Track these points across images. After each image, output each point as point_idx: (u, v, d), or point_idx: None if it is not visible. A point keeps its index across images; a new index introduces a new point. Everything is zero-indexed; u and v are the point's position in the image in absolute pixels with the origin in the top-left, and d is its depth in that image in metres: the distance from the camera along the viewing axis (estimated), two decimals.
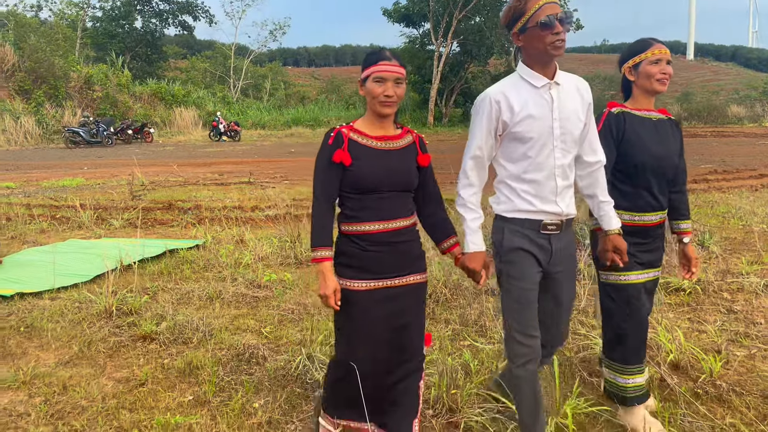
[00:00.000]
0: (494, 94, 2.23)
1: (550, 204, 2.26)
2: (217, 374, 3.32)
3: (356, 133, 2.27)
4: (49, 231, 7.46)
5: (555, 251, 2.30)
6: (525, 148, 2.24)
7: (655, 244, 2.68)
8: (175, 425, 2.82)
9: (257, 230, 7.05)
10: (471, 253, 2.31)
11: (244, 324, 4.12)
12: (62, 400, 3.10)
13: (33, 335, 3.99)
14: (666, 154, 2.60)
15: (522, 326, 2.30)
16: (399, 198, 2.28)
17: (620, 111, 2.61)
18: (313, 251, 2.24)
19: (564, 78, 2.28)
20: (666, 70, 2.58)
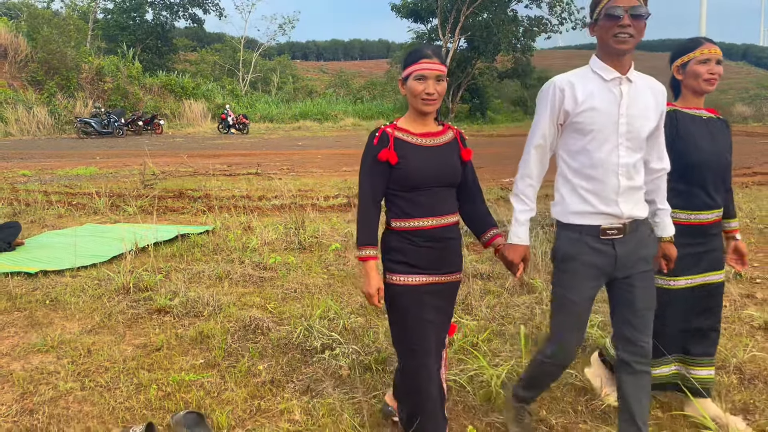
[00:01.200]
0: (560, 82, 2.20)
1: (610, 205, 2.17)
2: (226, 342, 3.69)
3: (400, 131, 2.29)
4: (66, 216, 7.86)
5: (620, 257, 2.20)
6: (585, 141, 2.18)
7: (711, 244, 2.66)
8: (189, 382, 3.18)
9: (264, 218, 7.41)
10: (512, 245, 2.30)
11: (251, 300, 4.48)
12: (87, 361, 3.47)
13: (57, 307, 4.37)
14: (718, 152, 2.60)
15: (557, 337, 2.31)
16: (446, 193, 2.31)
17: (672, 110, 2.58)
18: (359, 250, 2.28)
19: (638, 77, 2.23)
20: (714, 70, 2.54)
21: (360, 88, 48.13)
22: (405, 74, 2.25)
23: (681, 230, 2.51)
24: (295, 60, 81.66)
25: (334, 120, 35.37)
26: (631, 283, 2.23)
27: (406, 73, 2.25)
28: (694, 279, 2.64)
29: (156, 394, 3.07)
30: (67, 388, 3.13)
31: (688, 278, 2.63)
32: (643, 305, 2.24)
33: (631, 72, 2.18)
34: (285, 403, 2.96)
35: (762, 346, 3.60)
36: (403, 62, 2.28)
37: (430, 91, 2.20)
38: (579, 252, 2.20)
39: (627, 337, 2.25)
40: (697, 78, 2.55)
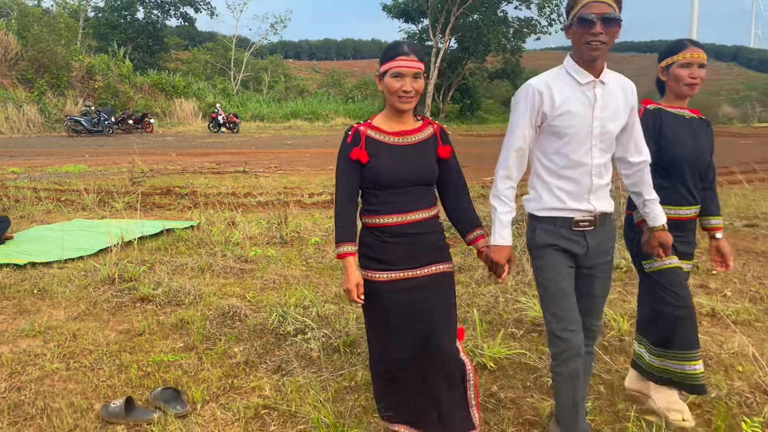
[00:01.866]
0: (538, 85, 2.22)
1: (582, 202, 2.26)
2: (204, 327, 3.90)
3: (373, 129, 2.29)
4: (54, 212, 8.03)
5: (591, 247, 2.29)
6: (561, 143, 2.24)
7: (688, 237, 2.74)
8: (168, 363, 3.40)
9: (248, 214, 7.62)
10: (497, 246, 2.29)
11: (230, 290, 4.70)
12: (72, 345, 3.68)
13: (45, 296, 4.56)
14: (699, 149, 2.66)
15: (559, 320, 2.29)
16: (418, 191, 2.29)
17: (656, 108, 2.66)
18: (337, 247, 2.28)
19: (611, 77, 2.27)
20: (696, 75, 2.58)
21: (352, 88, 48.31)
22: (382, 70, 2.24)
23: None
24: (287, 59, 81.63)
25: (324, 119, 35.56)
26: (593, 274, 2.33)
27: (383, 69, 2.23)
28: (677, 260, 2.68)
29: (136, 373, 3.28)
30: (53, 368, 3.34)
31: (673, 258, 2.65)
32: (600, 293, 2.38)
33: (604, 74, 2.22)
34: (257, 381, 3.18)
35: (705, 330, 3.86)
36: (381, 58, 2.26)
37: (407, 88, 2.18)
38: (554, 240, 2.27)
39: (584, 323, 2.33)
40: (679, 81, 2.59)
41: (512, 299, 4.34)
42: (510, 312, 4.16)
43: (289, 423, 2.79)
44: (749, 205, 7.79)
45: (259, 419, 2.83)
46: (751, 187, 8.94)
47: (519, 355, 3.42)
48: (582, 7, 2.11)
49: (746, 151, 16.81)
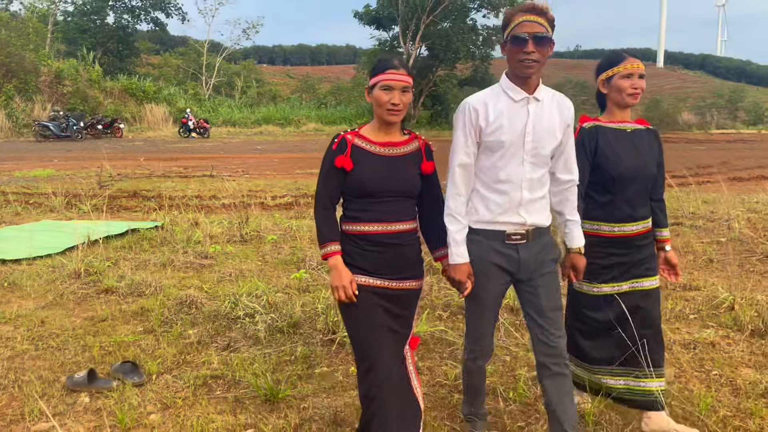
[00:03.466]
0: (473, 102, 2.31)
1: (512, 215, 2.32)
2: (163, 314, 4.30)
3: (360, 138, 2.31)
4: (23, 214, 8.31)
5: (523, 260, 2.33)
6: (495, 157, 2.30)
7: (639, 254, 2.67)
8: (128, 343, 3.80)
9: (211, 215, 8.00)
10: (456, 265, 2.34)
11: (189, 283, 5.09)
12: (41, 330, 4.05)
13: (15, 289, 4.91)
14: (642, 164, 2.63)
15: (471, 329, 2.47)
16: (400, 202, 2.31)
17: (592, 125, 2.66)
18: (322, 247, 2.30)
19: (546, 94, 2.33)
20: (637, 85, 2.60)
21: (326, 93, 48.71)
22: (372, 83, 2.27)
23: (604, 241, 2.62)
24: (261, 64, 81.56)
25: (296, 125, 35.89)
26: (534, 285, 2.36)
27: (372, 82, 2.27)
28: (620, 286, 2.67)
29: (99, 352, 3.68)
30: (23, 348, 3.72)
31: (612, 285, 2.66)
32: (549, 305, 2.35)
33: (539, 90, 2.29)
34: (207, 357, 3.60)
35: None
36: (371, 71, 2.30)
37: (396, 101, 2.22)
38: (486, 254, 2.34)
39: (539, 338, 2.36)
40: (621, 92, 2.60)
41: (445, 287, 4.82)
42: (441, 298, 4.65)
43: (233, 389, 3.22)
44: (680, 206, 8.43)
45: (206, 386, 3.26)
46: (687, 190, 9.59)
47: (441, 331, 3.90)
48: (515, 26, 2.20)
49: (697, 156, 17.68)
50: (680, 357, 3.59)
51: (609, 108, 2.71)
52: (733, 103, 49.37)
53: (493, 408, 2.97)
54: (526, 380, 3.19)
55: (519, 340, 3.81)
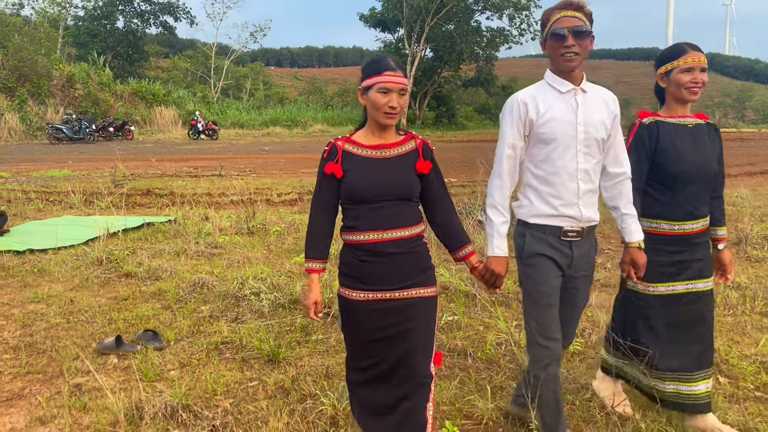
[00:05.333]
0: (522, 96, 2.34)
1: (572, 208, 2.31)
2: (178, 293, 4.82)
3: (351, 144, 2.25)
4: (44, 210, 8.87)
5: (576, 258, 2.35)
6: (548, 149, 2.30)
7: (696, 253, 2.61)
8: (148, 317, 4.32)
9: (220, 210, 8.53)
10: (496, 257, 2.33)
11: (201, 269, 5.61)
12: (71, 307, 4.57)
13: (44, 275, 5.44)
14: (704, 161, 2.54)
15: (542, 328, 2.36)
16: (397, 207, 2.21)
17: (652, 121, 2.58)
18: (306, 262, 2.30)
19: (591, 87, 2.36)
20: (698, 79, 2.50)
21: (333, 95, 49.33)
22: (366, 84, 2.18)
23: (663, 239, 2.56)
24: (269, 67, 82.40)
25: (303, 126, 36.47)
26: (575, 285, 2.41)
27: (367, 84, 2.18)
28: (675, 287, 2.61)
29: (123, 324, 4.20)
30: (56, 322, 4.24)
31: (668, 285, 2.61)
32: (581, 302, 2.48)
33: (584, 83, 2.33)
34: (218, 327, 4.12)
35: None
36: (365, 72, 2.21)
37: (394, 104, 2.15)
38: (543, 249, 2.33)
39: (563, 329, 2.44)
40: (680, 87, 2.52)
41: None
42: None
43: (240, 352, 3.73)
44: None
45: (217, 350, 3.77)
46: None
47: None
48: (554, 22, 2.26)
49: None
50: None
51: (668, 102, 2.62)
52: (741, 102, 49.43)
53: (462, 364, 3.47)
54: (493, 344, 3.67)
55: (493, 314, 4.28)
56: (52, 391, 3.24)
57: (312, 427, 2.79)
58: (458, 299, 4.59)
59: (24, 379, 3.39)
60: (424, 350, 2.25)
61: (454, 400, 3.04)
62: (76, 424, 2.89)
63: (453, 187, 10.81)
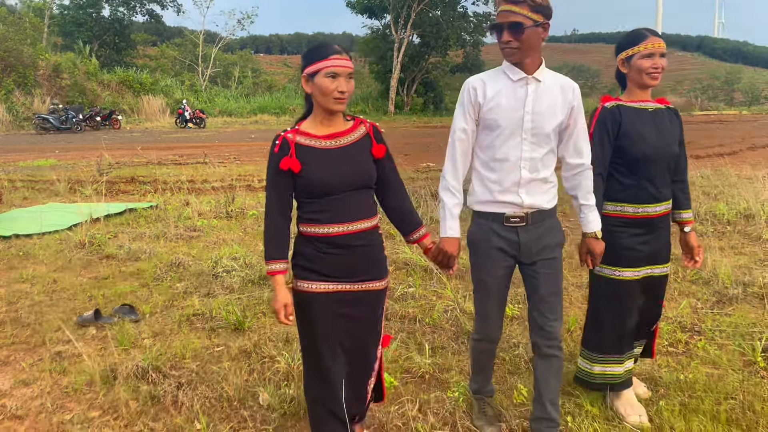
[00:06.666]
0: (473, 81, 2.35)
1: (511, 195, 2.30)
2: (155, 272, 5.13)
3: (302, 135, 2.16)
4: (30, 198, 9.13)
5: (523, 244, 2.33)
6: (493, 136, 2.31)
7: (657, 237, 2.66)
8: (126, 293, 4.63)
9: (201, 196, 8.81)
10: (449, 237, 2.33)
11: (179, 250, 5.91)
12: (54, 286, 4.87)
13: (29, 258, 5.73)
14: (664, 143, 2.59)
15: (480, 311, 2.48)
16: (358, 196, 2.18)
17: (614, 105, 2.61)
18: (266, 264, 2.19)
19: (548, 76, 2.32)
20: (658, 64, 2.53)
21: None
22: (311, 70, 2.10)
23: (627, 222, 2.60)
24: (258, 54, 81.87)
25: (291, 114, 36.54)
26: (535, 270, 2.36)
27: (312, 69, 2.10)
28: (638, 271, 2.66)
29: (102, 300, 4.51)
30: (40, 299, 4.55)
31: (633, 270, 2.64)
32: (548, 291, 2.36)
33: (540, 71, 2.29)
34: (190, 302, 4.43)
35: None
36: (308, 57, 2.14)
37: (343, 89, 2.09)
38: (487, 237, 2.35)
39: (536, 321, 2.40)
40: (641, 72, 2.54)
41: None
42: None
43: (209, 322, 4.05)
44: None
45: (189, 321, 4.09)
46: None
47: None
48: (496, 15, 2.26)
49: None
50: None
51: (629, 88, 2.66)
52: (729, 84, 49.75)
53: (410, 328, 3.81)
54: (441, 311, 4.01)
55: (447, 286, 4.62)
56: (34, 358, 3.56)
57: (267, 382, 3.13)
58: (416, 273, 4.93)
59: (9, 348, 3.70)
60: (375, 342, 2.34)
61: (397, 357, 3.39)
62: (56, 385, 3.21)
63: (430, 172, 11.13)
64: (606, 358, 2.74)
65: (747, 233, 6.05)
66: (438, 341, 3.63)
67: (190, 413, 2.87)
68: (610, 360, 2.73)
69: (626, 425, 2.63)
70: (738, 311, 4.00)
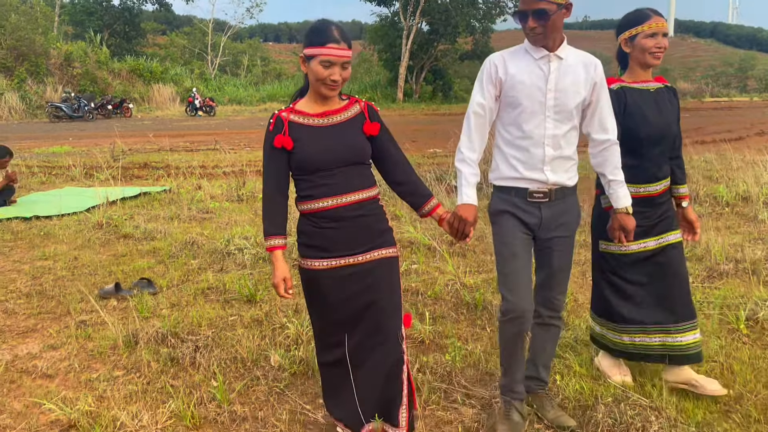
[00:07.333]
0: (495, 57, 2.37)
1: (536, 172, 2.31)
2: (171, 250, 5.37)
3: (296, 113, 2.21)
4: (48, 183, 9.41)
5: (545, 219, 2.34)
6: (515, 113, 2.31)
7: (661, 211, 2.70)
8: (144, 269, 4.88)
9: (213, 181, 9.05)
10: (465, 204, 2.31)
11: (192, 230, 6.15)
12: (75, 263, 5.13)
13: (50, 237, 5.99)
14: (666, 123, 2.62)
15: (506, 280, 2.38)
16: (351, 171, 2.20)
17: (619, 86, 2.63)
18: (265, 240, 2.23)
19: (570, 53, 2.33)
20: (661, 44, 2.56)
21: None
22: (308, 54, 2.13)
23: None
24: (267, 42, 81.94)
25: None
26: (550, 246, 2.40)
27: (309, 53, 2.13)
28: (647, 243, 2.68)
29: (122, 275, 4.75)
30: (62, 274, 4.80)
31: (639, 243, 2.67)
32: (559, 266, 2.44)
33: (562, 48, 2.30)
34: (204, 277, 4.67)
35: None
36: (308, 39, 2.15)
37: (336, 78, 2.12)
38: (508, 207, 2.37)
39: (543, 293, 2.48)
40: (644, 52, 2.56)
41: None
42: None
43: (223, 294, 4.29)
44: None
45: (204, 294, 4.32)
46: None
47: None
48: (520, 3, 2.28)
49: None
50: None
51: (631, 67, 2.67)
52: (743, 71, 49.24)
53: (412, 300, 4.02)
54: (442, 285, 4.22)
55: (449, 262, 4.82)
56: (61, 326, 3.80)
57: (278, 346, 3.35)
58: (420, 251, 5.14)
59: (36, 318, 3.95)
60: (393, 314, 2.26)
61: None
62: (82, 349, 3.46)
63: (437, 157, 11.29)
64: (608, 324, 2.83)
65: (744, 214, 6.20)
66: (438, 311, 3.84)
67: (207, 372, 3.10)
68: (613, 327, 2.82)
69: (610, 383, 2.82)
70: (727, 285, 4.17)
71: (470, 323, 3.71)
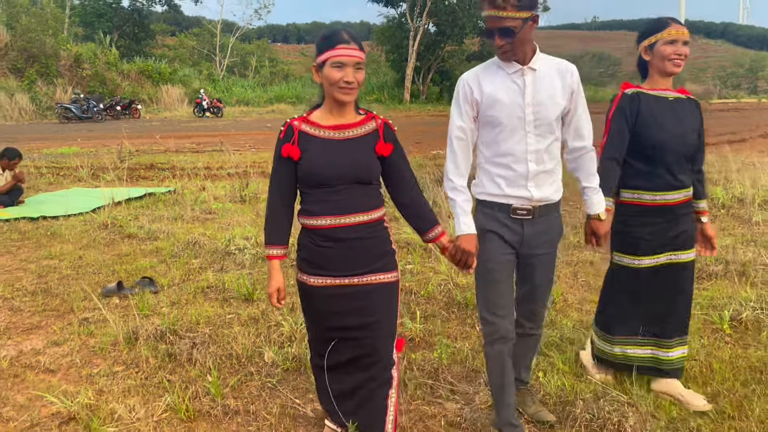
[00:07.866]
0: (468, 77, 2.32)
1: (520, 189, 2.28)
2: (173, 250, 5.49)
3: (308, 124, 2.16)
4: (55, 183, 9.59)
5: (527, 236, 2.32)
6: (495, 132, 2.28)
7: (679, 224, 2.66)
8: (146, 268, 5.00)
9: (217, 182, 9.19)
10: (465, 235, 2.27)
11: (195, 231, 6.27)
12: (80, 262, 5.26)
13: (56, 237, 6.14)
14: (682, 131, 2.59)
15: (488, 304, 2.37)
16: (355, 191, 2.14)
17: (634, 92, 2.62)
18: (265, 249, 2.23)
19: (544, 62, 2.28)
20: (681, 51, 2.55)
21: None
22: (320, 60, 2.09)
23: (644, 210, 2.62)
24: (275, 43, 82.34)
25: (308, 103, 36.72)
26: (532, 263, 2.39)
27: (321, 60, 2.09)
28: (658, 258, 2.67)
29: (125, 274, 4.88)
30: (67, 273, 4.93)
31: (652, 257, 2.67)
32: (540, 282, 2.44)
33: (535, 60, 2.25)
34: (205, 276, 4.78)
35: None
36: (318, 47, 2.12)
37: (349, 79, 2.06)
38: (491, 225, 2.33)
39: (525, 306, 2.49)
40: (664, 59, 2.55)
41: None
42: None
43: (222, 293, 4.40)
44: None
45: (203, 293, 4.44)
46: None
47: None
48: (486, 20, 2.21)
49: None
50: None
51: (651, 75, 2.67)
52: (753, 72, 48.92)
53: (405, 299, 4.12)
54: (435, 285, 4.32)
55: (443, 263, 4.91)
56: (64, 323, 3.93)
57: (272, 343, 3.46)
58: (416, 252, 5.24)
59: (41, 315, 4.08)
60: (387, 338, 2.25)
61: None
62: (84, 345, 3.58)
63: (439, 159, 11.38)
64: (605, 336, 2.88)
65: (739, 216, 6.26)
66: (430, 310, 3.94)
67: (203, 368, 3.21)
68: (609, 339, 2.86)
69: (590, 379, 2.91)
70: (715, 286, 4.24)
71: (460, 322, 3.80)
